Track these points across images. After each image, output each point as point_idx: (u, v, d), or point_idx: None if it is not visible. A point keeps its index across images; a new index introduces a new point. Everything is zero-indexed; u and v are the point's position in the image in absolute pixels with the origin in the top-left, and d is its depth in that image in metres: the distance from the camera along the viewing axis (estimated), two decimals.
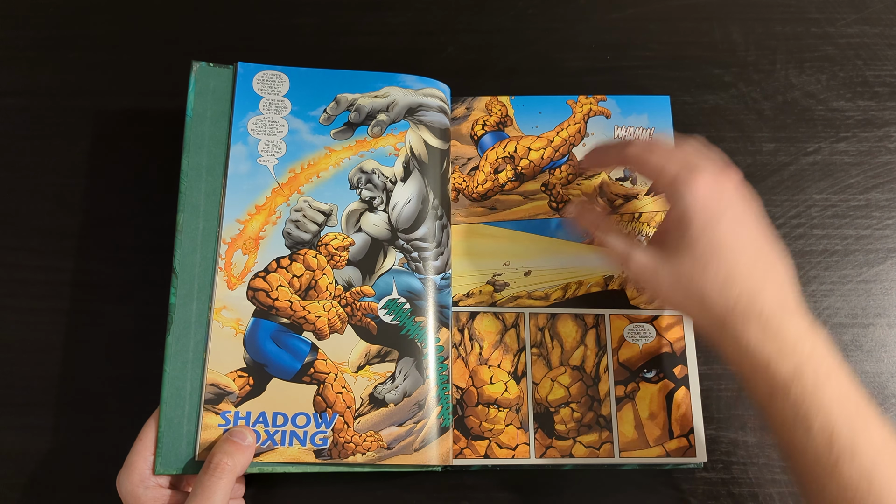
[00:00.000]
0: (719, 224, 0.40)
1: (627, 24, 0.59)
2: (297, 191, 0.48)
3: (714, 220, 0.40)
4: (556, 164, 0.53)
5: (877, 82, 0.57)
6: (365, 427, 0.45)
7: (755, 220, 0.42)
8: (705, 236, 0.40)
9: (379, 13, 0.59)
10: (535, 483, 0.41)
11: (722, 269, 0.40)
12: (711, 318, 0.40)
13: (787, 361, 0.38)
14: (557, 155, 0.53)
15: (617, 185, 0.52)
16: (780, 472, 0.48)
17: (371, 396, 0.45)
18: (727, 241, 0.40)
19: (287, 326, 0.46)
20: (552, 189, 0.52)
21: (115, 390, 0.49)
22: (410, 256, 0.48)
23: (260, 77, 0.50)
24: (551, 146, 0.53)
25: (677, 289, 0.41)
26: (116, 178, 0.54)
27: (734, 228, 0.41)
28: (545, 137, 0.53)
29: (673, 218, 0.42)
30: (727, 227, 0.40)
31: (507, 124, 0.54)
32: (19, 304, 0.51)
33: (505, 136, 0.53)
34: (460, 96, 0.54)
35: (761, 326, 0.38)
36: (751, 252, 0.41)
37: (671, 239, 0.42)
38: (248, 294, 0.46)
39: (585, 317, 0.50)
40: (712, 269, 0.40)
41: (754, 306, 0.39)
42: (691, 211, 0.41)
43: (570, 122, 0.53)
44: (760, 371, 0.38)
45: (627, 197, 0.52)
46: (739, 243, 0.40)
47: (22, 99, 0.56)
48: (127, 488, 0.42)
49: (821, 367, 0.38)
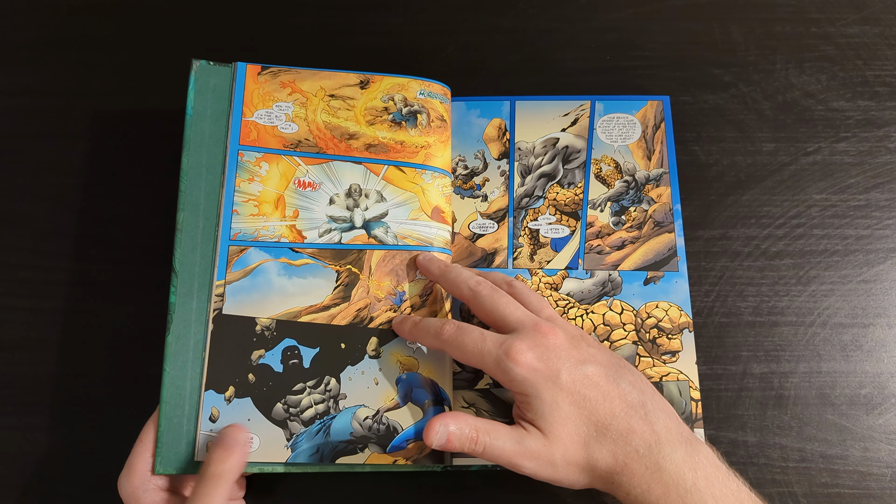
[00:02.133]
0: (558, 388, 0.40)
1: (627, 24, 0.59)
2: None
3: (550, 385, 0.40)
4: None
5: (877, 82, 0.57)
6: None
7: (592, 361, 0.41)
8: (549, 406, 0.39)
9: (379, 13, 0.59)
10: (535, 483, 0.41)
11: (581, 430, 0.39)
12: (597, 478, 0.40)
13: (674, 497, 0.37)
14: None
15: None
16: (780, 472, 0.48)
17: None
18: (573, 399, 0.40)
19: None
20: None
21: (115, 390, 0.49)
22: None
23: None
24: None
25: (546, 465, 0.40)
26: (116, 178, 0.54)
27: (574, 385, 0.40)
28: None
29: (517, 400, 0.42)
30: (568, 386, 0.40)
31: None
32: (19, 304, 0.51)
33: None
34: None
35: (643, 469, 0.38)
36: (601, 399, 0.40)
37: (523, 415, 0.41)
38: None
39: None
40: (571, 434, 0.39)
41: (629, 454, 0.38)
42: (525, 387, 0.40)
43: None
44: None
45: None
46: (588, 396, 0.40)
47: (22, 99, 0.56)
48: (128, 490, 0.42)
49: (706, 491, 0.37)
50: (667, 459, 0.38)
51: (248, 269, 0.47)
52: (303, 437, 0.45)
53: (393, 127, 0.51)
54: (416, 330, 0.45)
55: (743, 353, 0.50)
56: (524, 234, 0.52)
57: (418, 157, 0.50)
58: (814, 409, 0.49)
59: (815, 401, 0.49)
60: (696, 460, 0.38)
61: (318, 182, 0.49)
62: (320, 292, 0.47)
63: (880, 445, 0.48)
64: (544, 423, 0.40)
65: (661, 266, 0.51)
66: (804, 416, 0.49)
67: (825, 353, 0.50)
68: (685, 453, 0.38)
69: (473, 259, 0.51)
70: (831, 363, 0.50)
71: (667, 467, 0.38)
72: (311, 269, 0.47)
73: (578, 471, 0.40)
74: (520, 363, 0.40)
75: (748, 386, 0.49)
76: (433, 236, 0.49)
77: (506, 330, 0.43)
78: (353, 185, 0.49)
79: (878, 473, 0.47)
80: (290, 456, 0.44)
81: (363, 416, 0.45)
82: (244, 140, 0.49)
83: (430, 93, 0.52)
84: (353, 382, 0.46)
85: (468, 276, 0.45)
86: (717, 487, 0.38)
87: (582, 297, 0.50)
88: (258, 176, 0.48)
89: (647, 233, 0.52)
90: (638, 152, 0.54)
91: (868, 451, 0.48)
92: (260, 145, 0.49)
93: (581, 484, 0.40)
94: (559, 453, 0.39)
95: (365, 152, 0.50)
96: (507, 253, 0.52)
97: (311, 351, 0.46)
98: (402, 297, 0.48)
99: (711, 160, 0.54)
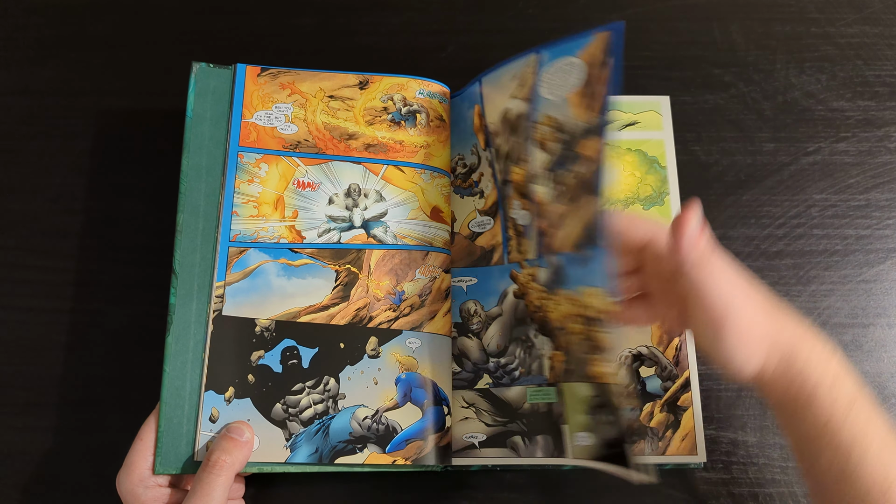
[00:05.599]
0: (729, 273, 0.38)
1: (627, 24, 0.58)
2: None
3: (721, 272, 0.38)
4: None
5: (877, 82, 0.57)
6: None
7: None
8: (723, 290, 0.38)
9: (379, 13, 0.59)
10: (535, 483, 0.41)
11: (759, 308, 0.38)
12: (779, 349, 0.38)
13: (845, 388, 0.37)
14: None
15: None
16: (780, 472, 0.48)
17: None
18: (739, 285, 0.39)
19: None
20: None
21: (115, 390, 0.49)
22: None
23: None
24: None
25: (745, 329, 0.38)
26: (116, 178, 0.54)
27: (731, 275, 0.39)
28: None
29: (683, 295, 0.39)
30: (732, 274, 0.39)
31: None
32: (19, 304, 0.51)
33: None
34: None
35: (817, 353, 0.38)
36: (755, 291, 0.39)
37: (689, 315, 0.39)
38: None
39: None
40: (751, 310, 0.38)
41: (802, 333, 0.38)
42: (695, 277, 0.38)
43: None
44: (820, 398, 0.37)
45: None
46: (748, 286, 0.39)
47: (22, 99, 0.56)
48: (127, 488, 0.42)
49: (863, 394, 0.37)
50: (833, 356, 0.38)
51: (247, 271, 0.47)
52: (302, 438, 0.45)
53: (392, 127, 0.51)
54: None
55: None
56: (510, 227, 0.49)
57: (417, 157, 0.50)
58: None
59: None
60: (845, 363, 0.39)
61: (317, 182, 0.49)
62: (319, 292, 0.47)
63: None
64: (716, 307, 0.38)
65: (592, 242, 0.41)
66: None
67: None
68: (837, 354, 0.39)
69: (473, 258, 0.51)
70: None
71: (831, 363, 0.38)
72: (310, 269, 0.48)
73: (761, 340, 0.38)
74: (685, 250, 0.37)
75: (748, 386, 0.49)
76: (432, 236, 0.49)
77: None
78: (352, 184, 0.49)
79: None
80: (289, 456, 0.44)
81: (362, 416, 0.45)
82: (244, 142, 0.49)
83: (429, 92, 0.52)
84: (352, 382, 0.46)
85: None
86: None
87: (550, 288, 0.45)
88: (258, 177, 0.48)
89: (578, 200, 0.42)
90: (578, 102, 0.42)
91: None
92: (259, 146, 0.49)
93: (756, 359, 0.38)
94: (758, 322, 0.38)
95: (364, 152, 0.50)
96: (503, 248, 0.49)
97: (310, 351, 0.46)
98: (401, 297, 0.48)
99: (711, 160, 0.54)
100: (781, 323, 0.39)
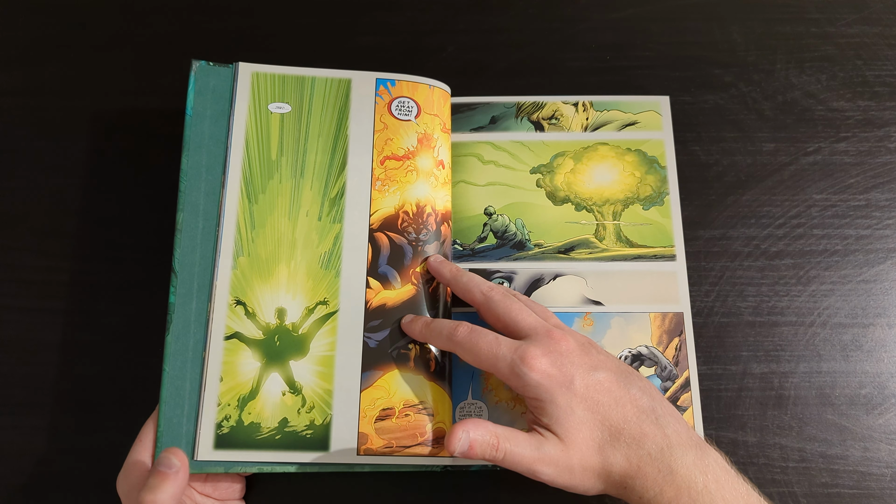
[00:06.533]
0: (572, 393, 0.40)
1: (627, 24, 0.59)
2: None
3: (565, 390, 0.40)
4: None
5: (877, 82, 0.57)
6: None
7: (603, 367, 0.41)
8: (565, 411, 0.40)
9: (379, 13, 0.59)
10: (535, 483, 0.41)
11: (596, 434, 0.39)
12: (611, 483, 0.40)
13: (685, 499, 0.38)
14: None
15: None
16: (780, 472, 0.48)
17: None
18: (587, 405, 0.40)
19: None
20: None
21: (114, 390, 0.49)
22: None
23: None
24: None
25: (564, 471, 0.39)
26: (116, 178, 0.54)
27: (587, 391, 0.40)
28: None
29: (530, 406, 0.41)
30: (581, 392, 0.40)
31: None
32: (19, 304, 0.51)
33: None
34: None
35: (655, 472, 0.38)
36: (614, 404, 0.40)
37: (537, 421, 0.41)
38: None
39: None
40: (587, 439, 0.39)
41: (642, 457, 0.39)
42: (540, 392, 0.40)
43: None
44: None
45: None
46: (601, 401, 0.40)
47: (22, 99, 0.56)
48: (126, 489, 0.42)
49: (716, 494, 0.38)
50: (678, 462, 0.38)
51: None
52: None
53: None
54: (428, 330, 0.45)
55: (743, 353, 0.50)
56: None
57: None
58: (814, 409, 0.49)
59: (815, 401, 0.49)
60: (706, 463, 0.38)
61: None
62: None
63: (880, 445, 0.48)
64: (560, 429, 0.40)
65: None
66: (804, 416, 0.49)
67: (825, 353, 0.50)
68: (696, 456, 0.39)
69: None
70: (831, 363, 0.50)
71: (678, 470, 0.38)
72: None
73: (594, 476, 0.40)
74: (535, 369, 0.40)
75: (748, 386, 0.49)
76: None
77: (517, 336, 0.43)
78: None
79: (878, 473, 0.47)
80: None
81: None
82: None
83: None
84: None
85: (480, 282, 0.45)
86: (727, 490, 0.38)
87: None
88: None
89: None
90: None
91: (868, 451, 0.48)
92: None
93: (595, 490, 0.40)
94: (576, 458, 0.39)
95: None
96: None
97: None
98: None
99: (711, 160, 0.54)
100: (611, 459, 0.39)
